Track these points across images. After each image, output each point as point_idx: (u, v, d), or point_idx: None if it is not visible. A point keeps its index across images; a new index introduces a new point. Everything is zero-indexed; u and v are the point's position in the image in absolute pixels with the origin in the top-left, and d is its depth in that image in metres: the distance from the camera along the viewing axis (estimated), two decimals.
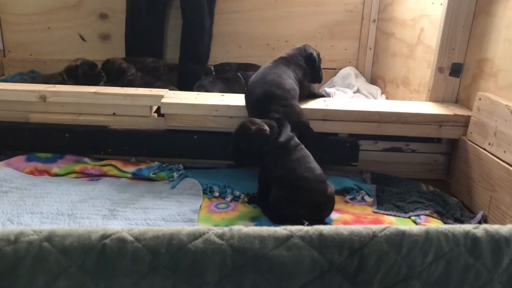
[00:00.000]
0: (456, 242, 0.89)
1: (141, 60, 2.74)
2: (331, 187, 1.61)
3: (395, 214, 1.70)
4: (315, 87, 2.21)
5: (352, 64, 3.18)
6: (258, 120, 1.66)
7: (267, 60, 2.05)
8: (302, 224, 1.51)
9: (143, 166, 1.95)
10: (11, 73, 3.00)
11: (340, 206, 1.74)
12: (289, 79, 1.90)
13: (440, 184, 2.00)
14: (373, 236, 0.87)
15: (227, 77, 2.62)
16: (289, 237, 0.85)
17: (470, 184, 1.82)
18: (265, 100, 1.79)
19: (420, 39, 2.37)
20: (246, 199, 1.75)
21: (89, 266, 0.81)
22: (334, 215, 1.66)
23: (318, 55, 2.10)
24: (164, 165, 1.97)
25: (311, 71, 2.06)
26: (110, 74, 2.51)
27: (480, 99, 1.82)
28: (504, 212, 1.59)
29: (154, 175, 1.91)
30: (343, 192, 1.83)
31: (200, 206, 1.69)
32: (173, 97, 2.02)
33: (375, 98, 2.73)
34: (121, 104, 2.00)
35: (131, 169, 1.93)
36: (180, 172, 1.92)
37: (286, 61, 2.00)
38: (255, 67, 2.82)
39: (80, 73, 2.38)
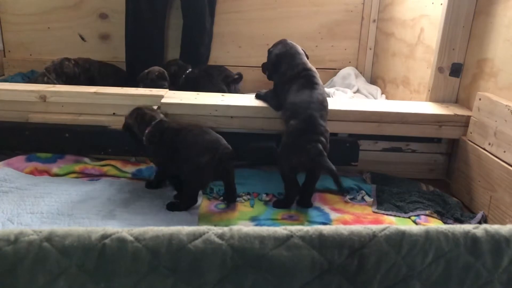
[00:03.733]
0: (456, 242, 0.89)
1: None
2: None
3: (395, 214, 1.70)
4: None
5: (352, 64, 3.18)
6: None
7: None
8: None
9: (143, 166, 1.95)
10: (11, 73, 2.99)
11: (340, 206, 1.74)
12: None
13: (440, 184, 2.00)
14: (373, 236, 0.87)
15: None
16: (289, 237, 0.85)
17: (470, 184, 1.82)
18: (309, 134, 1.64)
19: (420, 39, 2.37)
20: (246, 198, 1.75)
21: (89, 266, 0.81)
22: (334, 215, 1.66)
23: None
24: None
25: None
26: None
27: (480, 99, 1.82)
28: (504, 212, 1.59)
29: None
30: (343, 192, 1.83)
31: (200, 206, 1.69)
32: (173, 97, 2.02)
33: (375, 98, 2.73)
34: (121, 104, 1.99)
35: (131, 169, 1.93)
36: None
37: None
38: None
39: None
